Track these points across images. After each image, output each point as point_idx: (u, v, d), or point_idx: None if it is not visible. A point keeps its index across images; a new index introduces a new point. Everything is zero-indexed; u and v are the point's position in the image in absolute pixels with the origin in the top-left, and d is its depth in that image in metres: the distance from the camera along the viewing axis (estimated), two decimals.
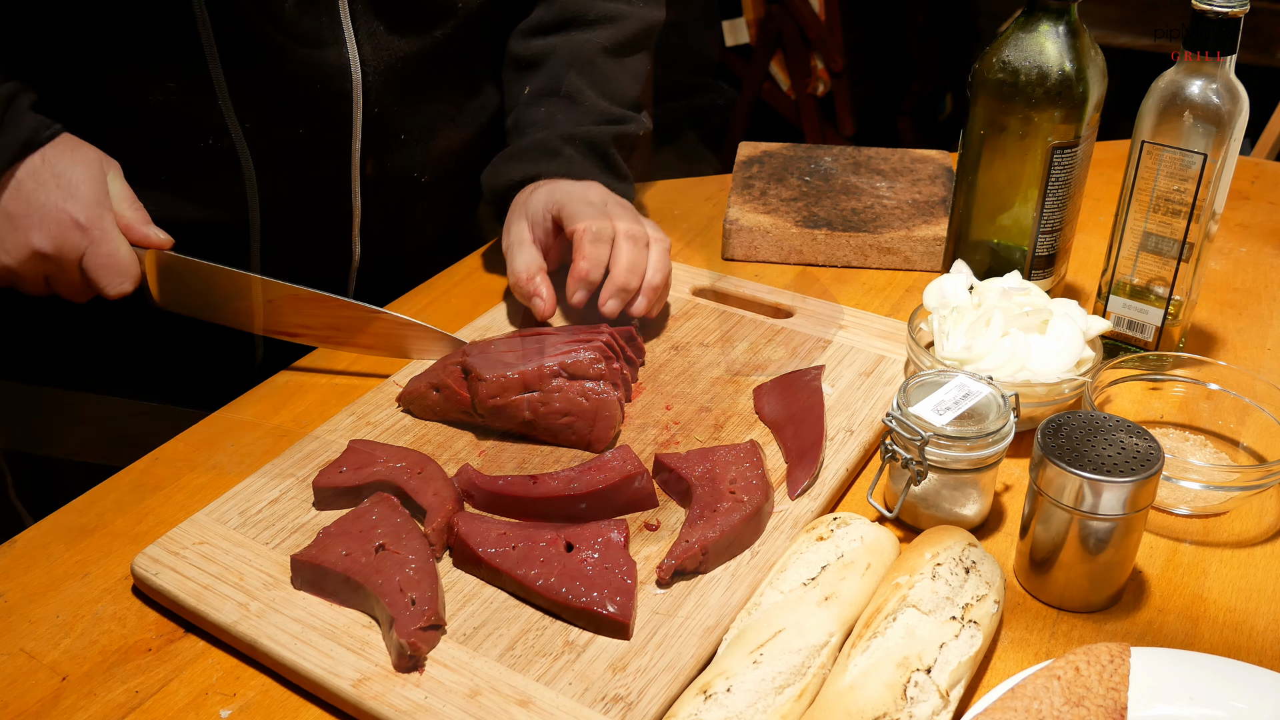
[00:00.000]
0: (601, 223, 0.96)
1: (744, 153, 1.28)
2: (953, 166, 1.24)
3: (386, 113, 1.01)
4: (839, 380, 0.92)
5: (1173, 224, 0.90)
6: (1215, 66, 0.85)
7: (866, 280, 1.11)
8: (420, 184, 1.08)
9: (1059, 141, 0.92)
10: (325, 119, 0.99)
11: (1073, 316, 0.86)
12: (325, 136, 0.99)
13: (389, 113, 1.02)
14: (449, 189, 1.13)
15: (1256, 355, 1.00)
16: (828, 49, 3.10)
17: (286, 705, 0.67)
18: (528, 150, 1.06)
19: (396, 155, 1.04)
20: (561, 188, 1.00)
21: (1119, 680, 0.61)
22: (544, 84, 1.09)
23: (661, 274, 0.96)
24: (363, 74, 0.98)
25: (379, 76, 0.99)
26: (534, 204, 1.01)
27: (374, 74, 0.99)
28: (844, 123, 3.23)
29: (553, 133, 1.06)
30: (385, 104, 1.01)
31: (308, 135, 0.98)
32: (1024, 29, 0.91)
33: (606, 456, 0.79)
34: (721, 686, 0.62)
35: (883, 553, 0.72)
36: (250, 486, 0.80)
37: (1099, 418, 0.73)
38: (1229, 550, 0.78)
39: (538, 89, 1.10)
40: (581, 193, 0.99)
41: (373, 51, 0.98)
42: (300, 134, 0.98)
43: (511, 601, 0.71)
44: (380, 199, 1.06)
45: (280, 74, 0.95)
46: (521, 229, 1.00)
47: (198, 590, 0.71)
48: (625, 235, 0.96)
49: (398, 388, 0.90)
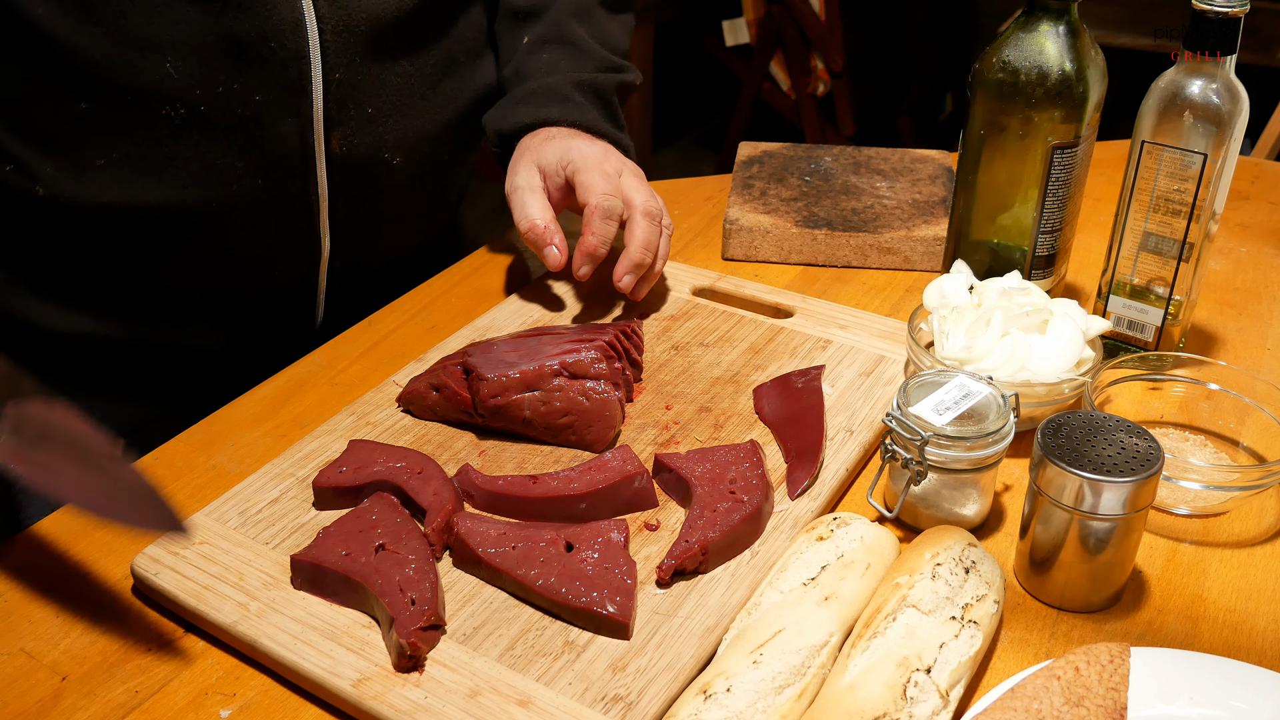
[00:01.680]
0: (615, 200, 0.96)
1: (744, 153, 1.28)
2: (953, 166, 1.24)
3: (350, 80, 0.96)
4: (839, 380, 0.92)
5: (1173, 224, 0.90)
6: (1215, 66, 0.85)
7: (866, 280, 1.11)
8: (392, 167, 1.03)
9: (1059, 141, 0.92)
10: (281, 83, 0.92)
11: (1073, 316, 0.86)
12: (283, 104, 0.93)
13: (352, 80, 0.96)
14: (424, 182, 1.09)
15: (1256, 355, 1.00)
16: (828, 49, 3.10)
17: (286, 705, 0.67)
18: (537, 94, 1.05)
19: (364, 131, 0.99)
20: (578, 148, 1.00)
21: (1119, 680, 0.61)
22: (545, 32, 1.09)
23: (665, 260, 0.99)
24: (319, 31, 0.92)
25: (338, 36, 0.94)
26: (548, 154, 1.00)
27: (332, 32, 0.93)
28: (844, 123, 3.24)
29: (562, 78, 1.05)
30: (348, 70, 0.95)
31: (264, 103, 0.92)
32: (1024, 29, 0.91)
33: (606, 456, 0.79)
34: (721, 686, 0.62)
35: (883, 553, 0.72)
36: (250, 486, 0.80)
37: (1099, 418, 0.73)
38: (1229, 550, 0.78)
39: (539, 37, 1.09)
40: (599, 160, 0.99)
41: (330, 8, 0.93)
42: (257, 101, 0.92)
43: (511, 601, 0.71)
44: (348, 180, 1.00)
45: (228, 30, 0.89)
46: (532, 175, 0.99)
47: (198, 590, 0.71)
48: (643, 212, 0.97)
49: (398, 388, 0.90)
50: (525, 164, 1.00)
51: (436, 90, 1.05)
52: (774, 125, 3.40)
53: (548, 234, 0.96)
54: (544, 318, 1.01)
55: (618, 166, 1.00)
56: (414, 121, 1.03)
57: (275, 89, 0.92)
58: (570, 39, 1.09)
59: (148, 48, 0.87)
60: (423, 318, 1.04)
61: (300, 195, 0.97)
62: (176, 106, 0.89)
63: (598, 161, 0.99)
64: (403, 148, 1.03)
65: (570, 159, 0.99)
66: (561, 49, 1.08)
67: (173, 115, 0.90)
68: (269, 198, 0.96)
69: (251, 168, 0.94)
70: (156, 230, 0.93)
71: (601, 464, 0.79)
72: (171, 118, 0.90)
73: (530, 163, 1.00)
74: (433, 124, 1.05)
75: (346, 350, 1.00)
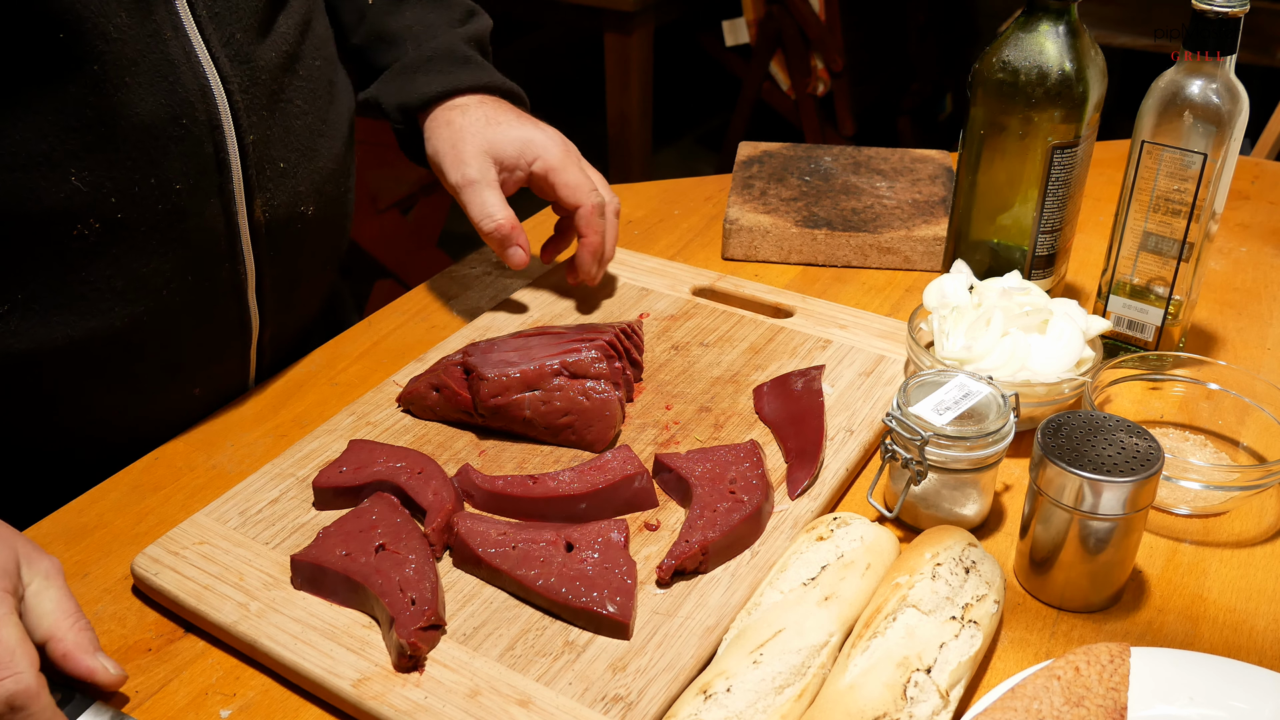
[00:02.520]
0: (597, 197, 0.97)
1: (744, 153, 1.28)
2: (953, 166, 1.24)
3: (261, 139, 0.87)
4: (839, 380, 0.92)
5: (1173, 224, 0.90)
6: (1215, 66, 0.85)
7: (866, 280, 1.11)
8: (307, 217, 0.93)
9: (1059, 141, 0.92)
10: (199, 163, 0.83)
11: (1073, 316, 0.86)
12: (204, 185, 0.83)
13: (264, 138, 0.87)
14: (330, 221, 0.99)
15: (1256, 355, 1.00)
16: (828, 49, 3.10)
17: (286, 705, 0.67)
18: (435, 60, 1.00)
19: (281, 189, 0.90)
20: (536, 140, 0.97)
21: (1119, 680, 0.61)
22: None
23: None
24: (227, 93, 0.83)
25: (245, 94, 0.84)
26: (503, 145, 0.96)
27: (239, 91, 0.84)
28: (844, 123, 3.24)
29: (449, 36, 1.01)
30: (259, 128, 0.86)
31: (184, 190, 0.82)
32: (1024, 29, 0.91)
33: (606, 456, 0.79)
34: (721, 686, 0.62)
35: (883, 553, 0.72)
36: (250, 486, 0.80)
37: (1099, 418, 0.73)
38: (1229, 550, 0.78)
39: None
40: (565, 153, 0.97)
41: (231, 65, 0.83)
42: (176, 190, 0.82)
43: (511, 601, 0.71)
44: (272, 245, 0.90)
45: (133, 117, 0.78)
46: (487, 168, 0.95)
47: (198, 590, 0.71)
48: (614, 209, 0.99)
49: (398, 388, 0.90)
50: (474, 153, 0.95)
51: (327, 121, 0.96)
52: (774, 125, 3.40)
53: (514, 234, 0.95)
54: (544, 318, 1.01)
55: (577, 155, 0.99)
56: (318, 162, 0.95)
57: (194, 171, 0.83)
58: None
59: (43, 164, 0.76)
60: (423, 318, 1.04)
61: (229, 277, 0.88)
62: (89, 222, 0.79)
63: (564, 155, 0.97)
64: (314, 193, 0.94)
65: (536, 155, 0.97)
66: (422, 4, 1.03)
67: (86, 233, 0.79)
68: (199, 291, 0.87)
69: (179, 266, 0.84)
70: (80, 364, 0.83)
71: (601, 464, 0.79)
72: (85, 236, 0.79)
73: (481, 152, 0.96)
74: (331, 157, 0.97)
75: (346, 350, 1.00)
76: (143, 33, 0.78)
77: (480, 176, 0.95)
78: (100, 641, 0.70)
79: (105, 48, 0.76)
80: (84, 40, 0.75)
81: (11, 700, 0.58)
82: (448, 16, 1.04)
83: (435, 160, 0.99)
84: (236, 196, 0.86)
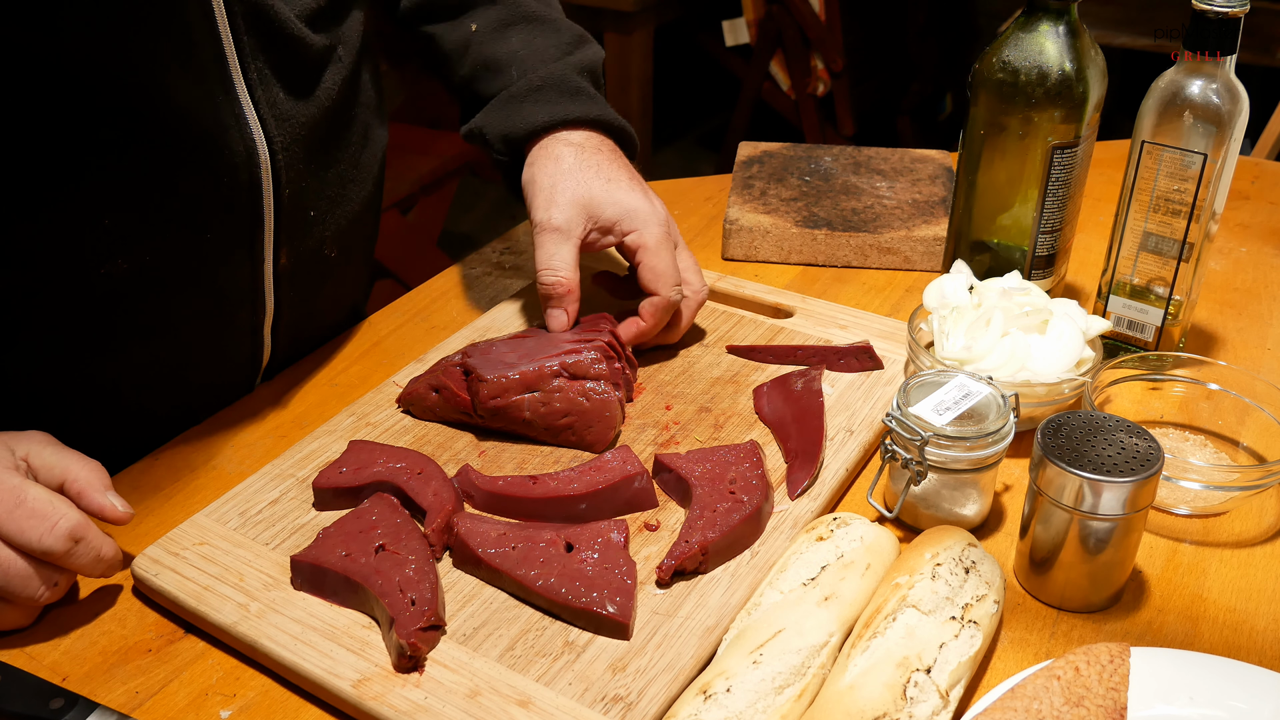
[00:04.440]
0: (677, 294, 0.91)
1: (744, 153, 1.28)
2: (953, 166, 1.24)
3: (295, 191, 0.87)
4: (839, 380, 0.92)
5: (1173, 224, 0.90)
6: (1215, 66, 0.85)
7: (866, 280, 1.11)
8: (330, 261, 0.95)
9: (1059, 141, 0.92)
10: (235, 219, 0.84)
11: (1073, 316, 0.86)
12: (237, 238, 0.85)
13: (297, 190, 0.88)
14: (355, 259, 1.01)
15: (1256, 355, 1.00)
16: (828, 49, 3.10)
17: (286, 705, 0.67)
18: (544, 89, 0.95)
19: (308, 237, 0.91)
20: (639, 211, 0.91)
21: (1119, 680, 0.61)
22: (501, 14, 0.99)
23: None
24: (270, 153, 0.83)
25: (287, 153, 0.85)
26: (603, 206, 0.91)
27: (282, 150, 0.84)
28: (844, 123, 3.24)
29: (561, 65, 0.97)
30: (294, 182, 0.87)
31: (215, 240, 0.83)
32: (1024, 29, 0.91)
33: (606, 457, 0.79)
34: (721, 686, 0.62)
35: (883, 553, 0.72)
36: (250, 487, 0.80)
37: (1099, 418, 0.73)
38: (1229, 550, 0.78)
39: (495, 20, 0.99)
40: (663, 237, 0.91)
41: (276, 124, 0.84)
42: (207, 239, 0.83)
43: (511, 602, 0.71)
44: (294, 288, 0.92)
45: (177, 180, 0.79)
46: (575, 220, 0.90)
47: (198, 591, 0.71)
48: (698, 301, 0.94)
49: (398, 388, 0.90)
50: (570, 200, 0.90)
51: (359, 167, 0.97)
52: (774, 125, 3.40)
53: (568, 298, 0.90)
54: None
55: (675, 238, 0.94)
56: (346, 208, 0.95)
57: (228, 225, 0.84)
58: (532, 15, 0.99)
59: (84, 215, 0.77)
60: (423, 318, 1.04)
61: (248, 320, 0.90)
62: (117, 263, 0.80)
63: (662, 239, 0.91)
64: (339, 238, 0.96)
65: (635, 228, 0.91)
66: (529, 28, 0.98)
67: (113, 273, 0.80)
68: (216, 331, 0.88)
69: (200, 310, 0.86)
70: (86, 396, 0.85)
71: (601, 464, 0.79)
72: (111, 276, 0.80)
73: (578, 202, 0.91)
74: (358, 202, 0.97)
75: (346, 350, 1.00)
76: (197, 95, 0.78)
77: (565, 226, 0.90)
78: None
79: (166, 114, 0.77)
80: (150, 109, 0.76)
81: (72, 533, 0.68)
82: (556, 41, 0.99)
83: (528, 188, 0.94)
84: (266, 246, 0.87)
